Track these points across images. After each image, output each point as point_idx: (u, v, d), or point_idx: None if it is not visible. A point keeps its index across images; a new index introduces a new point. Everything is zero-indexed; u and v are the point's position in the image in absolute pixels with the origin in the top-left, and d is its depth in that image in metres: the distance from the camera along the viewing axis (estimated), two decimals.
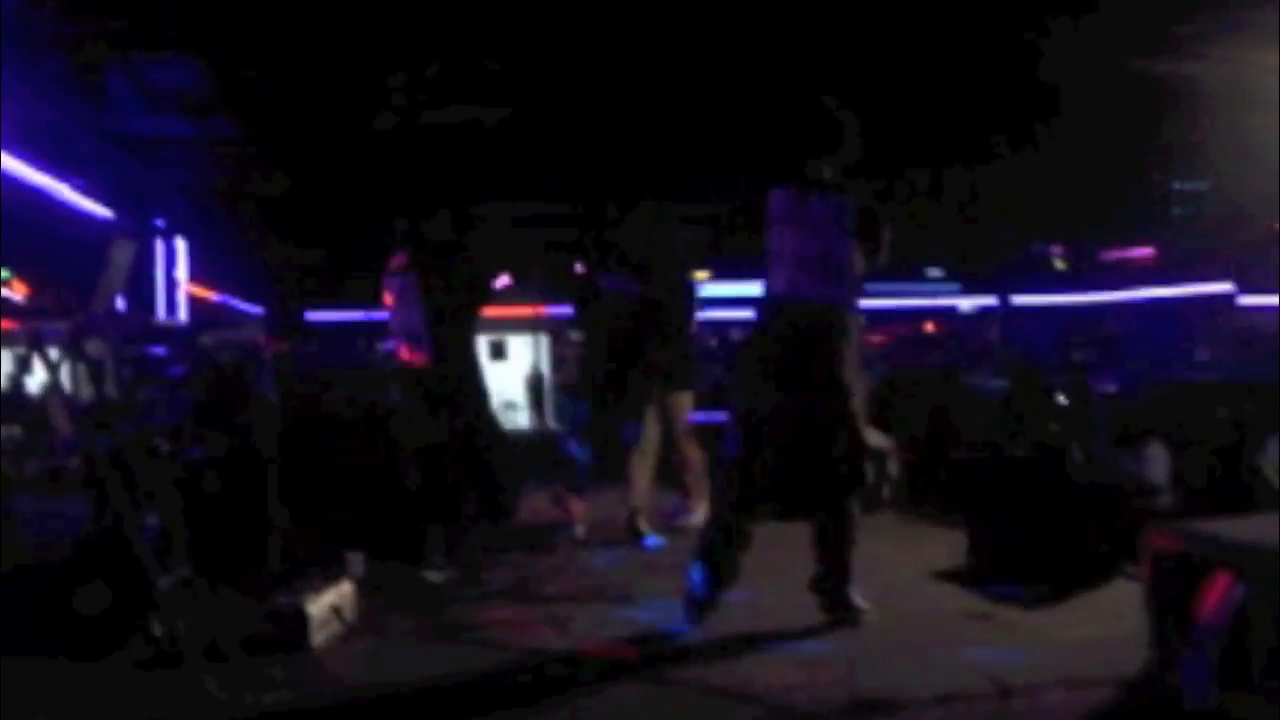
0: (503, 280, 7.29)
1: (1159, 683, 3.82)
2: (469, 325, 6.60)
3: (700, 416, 7.49)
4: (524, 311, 13.47)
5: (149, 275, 14.40)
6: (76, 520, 5.20)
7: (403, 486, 6.43)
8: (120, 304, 12.57)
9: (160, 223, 14.97)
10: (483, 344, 8.14)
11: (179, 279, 15.61)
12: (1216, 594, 3.62)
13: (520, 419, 13.17)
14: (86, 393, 7.98)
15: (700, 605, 5.00)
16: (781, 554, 5.25)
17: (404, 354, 6.42)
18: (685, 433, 7.30)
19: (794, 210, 4.94)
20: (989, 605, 5.29)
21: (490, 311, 8.04)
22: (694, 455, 7.34)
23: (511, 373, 13.51)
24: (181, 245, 15.80)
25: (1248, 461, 7.27)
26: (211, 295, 17.74)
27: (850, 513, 4.95)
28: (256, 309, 19.93)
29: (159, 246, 15.03)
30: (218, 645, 4.38)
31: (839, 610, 4.98)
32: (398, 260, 6.50)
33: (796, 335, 4.85)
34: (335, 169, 14.64)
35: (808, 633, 4.89)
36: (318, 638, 4.83)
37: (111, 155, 12.65)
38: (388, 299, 6.54)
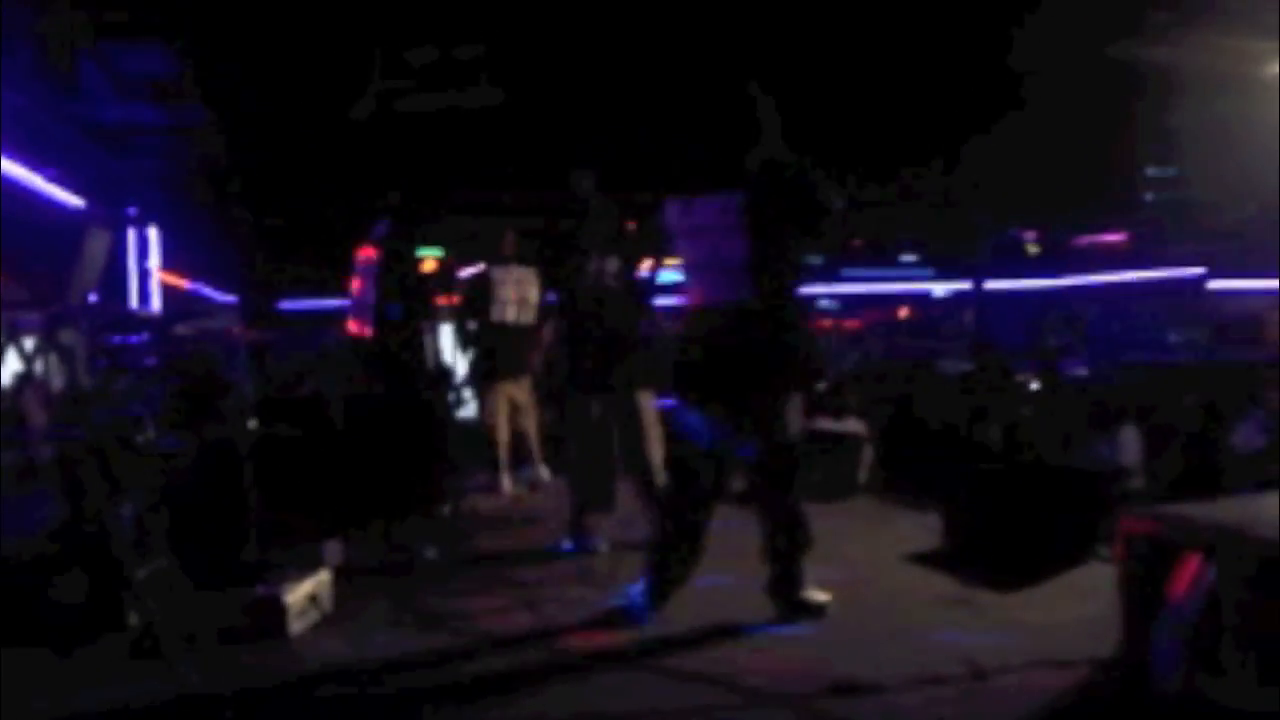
0: (467, 271, 7.33)
1: (1130, 664, 3.87)
2: (420, 307, 6.66)
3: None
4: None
5: (122, 264, 14.29)
6: (51, 511, 5.17)
7: (379, 471, 6.48)
8: (94, 294, 12.52)
9: (133, 211, 14.86)
10: (446, 331, 8.15)
11: (152, 268, 15.50)
12: (1187, 576, 3.67)
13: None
14: (59, 383, 7.95)
15: (660, 592, 5.00)
16: (754, 540, 5.20)
17: (352, 327, 6.51)
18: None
19: (682, 219, 4.90)
20: (963, 589, 5.33)
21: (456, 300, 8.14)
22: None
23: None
24: (154, 234, 15.68)
25: (1218, 444, 7.36)
26: (184, 284, 17.63)
27: (795, 513, 4.92)
28: (229, 297, 19.84)
29: (132, 235, 14.92)
30: (194, 635, 4.38)
31: (797, 612, 4.94)
32: (365, 252, 6.56)
33: (710, 342, 4.82)
34: (309, 155, 14.58)
35: (781, 618, 4.91)
36: (295, 626, 4.84)
37: (84, 144, 12.54)
38: (355, 284, 6.60)
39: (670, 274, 5.81)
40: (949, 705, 3.81)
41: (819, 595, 5.01)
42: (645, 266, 6.46)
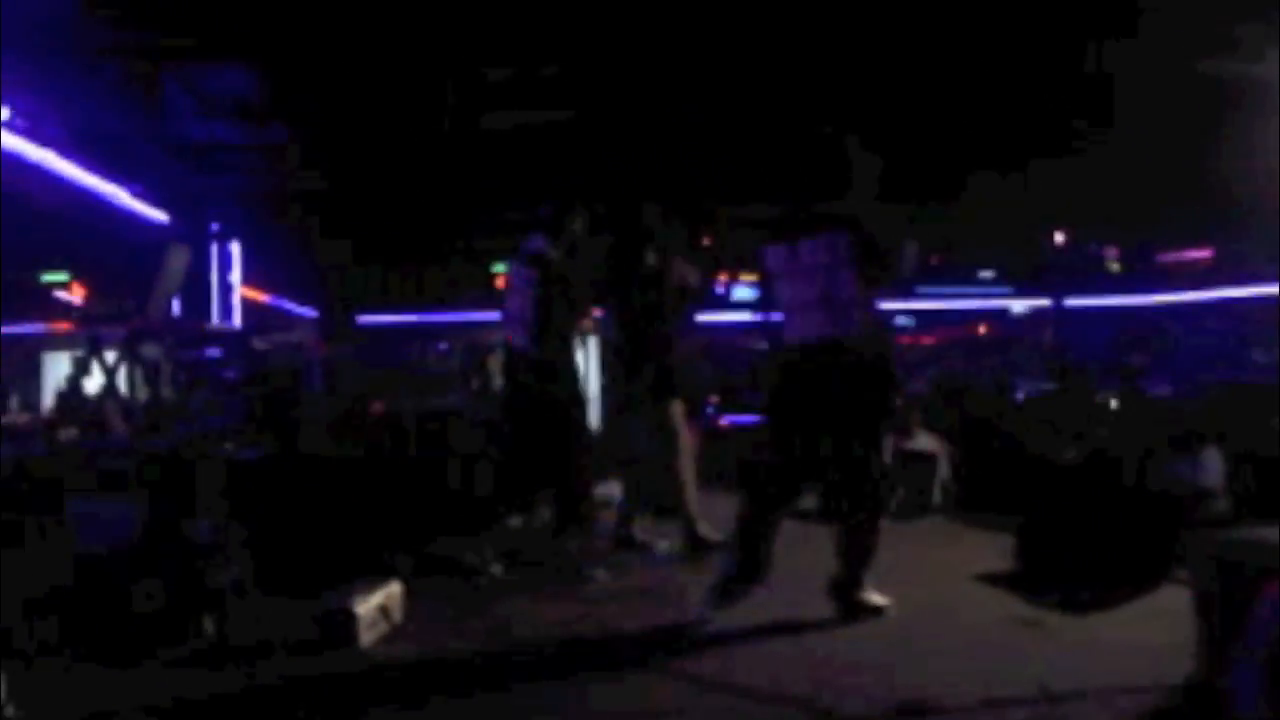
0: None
1: (1206, 691, 3.79)
2: (571, 325, 6.70)
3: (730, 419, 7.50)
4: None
5: (204, 279, 14.59)
6: (131, 522, 5.28)
7: (456, 487, 6.54)
8: (176, 308, 12.77)
9: (215, 227, 15.16)
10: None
11: (233, 282, 15.81)
12: (1266, 601, 3.58)
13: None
14: (142, 396, 8.13)
15: (725, 592, 5.16)
16: (825, 558, 5.29)
17: (510, 338, 6.58)
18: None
19: (788, 262, 5.23)
20: (1035, 610, 5.25)
21: None
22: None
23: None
24: (236, 249, 15.99)
25: None
26: (265, 298, 17.95)
27: (868, 526, 5.17)
28: (309, 311, 20.15)
29: (214, 250, 15.23)
30: (267, 645, 4.44)
31: (853, 613, 5.15)
32: (525, 251, 6.62)
33: (811, 375, 5.12)
34: (387, 172, 14.76)
35: (850, 635, 4.91)
36: (365, 638, 4.89)
37: (167, 161, 12.83)
38: (508, 289, 6.68)
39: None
40: None
41: (878, 598, 5.21)
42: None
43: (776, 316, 5.36)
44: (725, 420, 9.73)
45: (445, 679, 4.49)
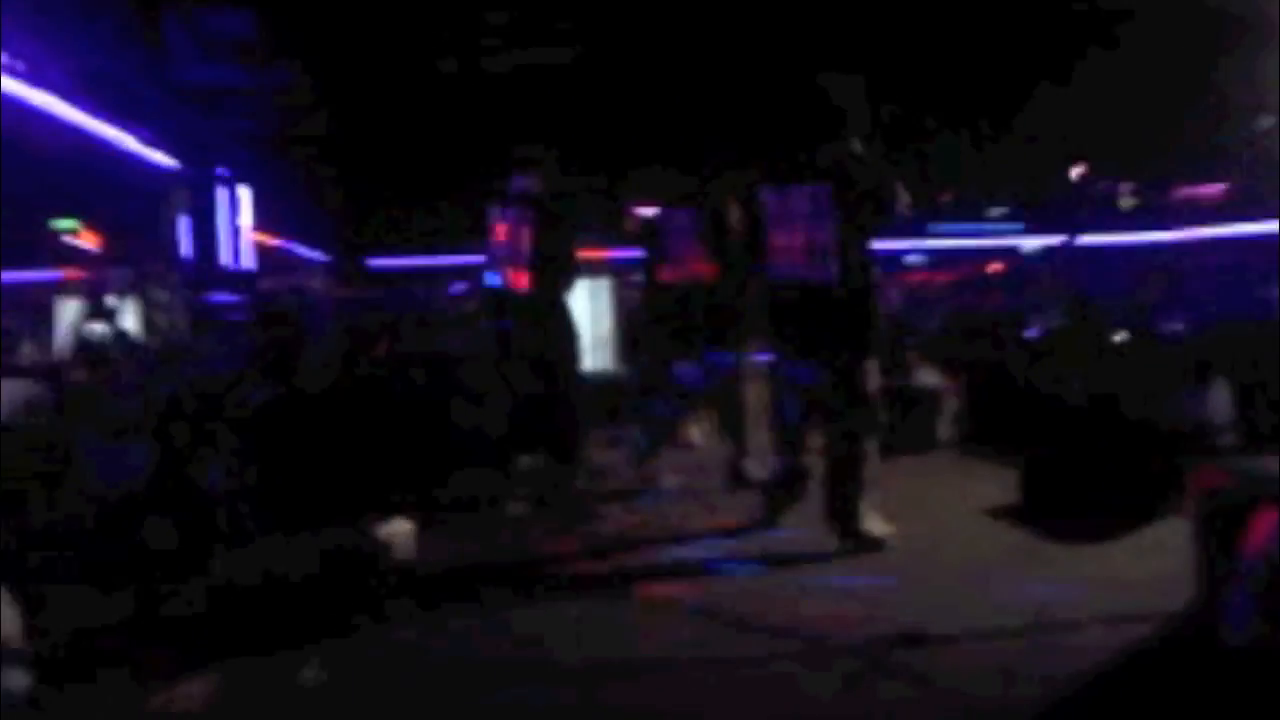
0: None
1: (1202, 619, 3.82)
2: (568, 267, 6.73)
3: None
4: (585, 255, 13.50)
5: (214, 223, 14.60)
6: (143, 462, 5.33)
7: (465, 427, 6.60)
8: (188, 251, 12.80)
9: (223, 171, 15.15)
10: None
11: (243, 226, 15.81)
12: (1262, 529, 3.61)
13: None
14: (151, 338, 8.17)
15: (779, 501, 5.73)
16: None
17: (511, 278, 6.56)
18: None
19: (778, 207, 5.55)
20: (1038, 542, 5.30)
21: None
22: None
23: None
24: (245, 193, 15.98)
25: None
26: (275, 242, 17.96)
27: (857, 456, 5.40)
28: (319, 255, 20.16)
29: (223, 194, 15.22)
30: (276, 581, 4.49)
31: (851, 538, 5.32)
32: (512, 191, 6.63)
33: (798, 313, 5.51)
34: (396, 113, 14.72)
35: (853, 569, 4.97)
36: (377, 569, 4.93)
37: (174, 106, 12.81)
38: (498, 229, 6.66)
39: None
40: (1017, 658, 3.78)
41: (879, 527, 5.36)
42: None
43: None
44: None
45: (453, 615, 4.55)
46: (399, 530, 5.24)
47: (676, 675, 3.85)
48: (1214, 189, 21.06)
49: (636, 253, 8.37)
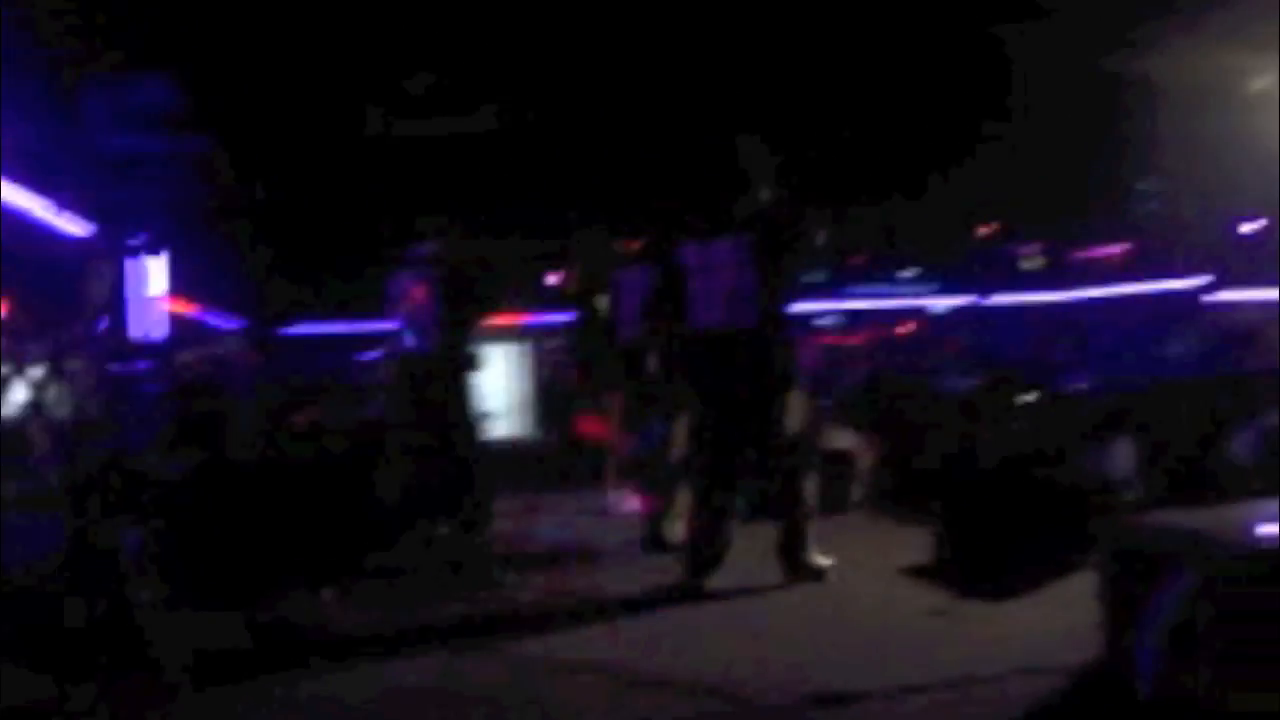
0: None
1: (1112, 670, 3.94)
2: (470, 330, 6.79)
3: None
4: (504, 320, 13.56)
5: (129, 292, 14.39)
6: (57, 538, 5.26)
7: (383, 496, 6.60)
8: (101, 322, 12.63)
9: (139, 239, 14.97)
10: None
11: (158, 295, 15.61)
12: (1167, 582, 3.74)
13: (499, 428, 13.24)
14: (65, 412, 8.04)
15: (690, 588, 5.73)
16: (749, 559, 5.82)
17: (420, 343, 6.61)
18: None
19: (701, 258, 5.85)
20: (951, 600, 5.41)
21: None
22: None
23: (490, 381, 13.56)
24: (161, 262, 15.78)
25: (1215, 456, 7.41)
26: (192, 310, 17.75)
27: (799, 489, 5.82)
28: (234, 323, 19.94)
29: (138, 264, 15.02)
30: (198, 658, 4.47)
31: (798, 571, 5.76)
32: (412, 256, 6.71)
33: (720, 361, 5.78)
34: (315, 181, 14.73)
35: (762, 628, 5.09)
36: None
37: (89, 173, 12.67)
38: (401, 294, 6.73)
39: None
40: (937, 713, 3.87)
41: (822, 560, 5.83)
42: None
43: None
44: None
45: (382, 680, 4.55)
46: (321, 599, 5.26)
47: None
48: (1116, 249, 21.69)
49: (558, 316, 8.51)
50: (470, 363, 6.78)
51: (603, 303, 7.98)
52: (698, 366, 5.91)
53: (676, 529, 6.80)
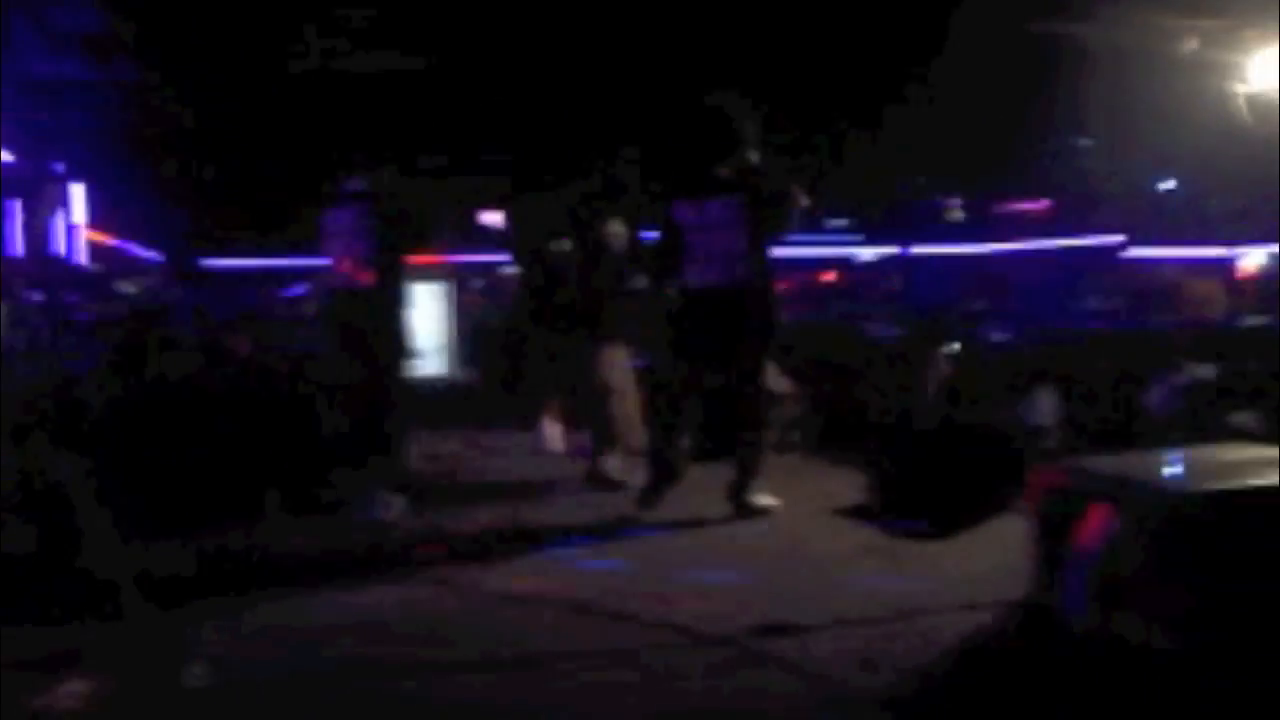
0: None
1: (1040, 607, 4.12)
2: (400, 267, 6.77)
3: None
4: (429, 260, 13.50)
5: (49, 220, 14.13)
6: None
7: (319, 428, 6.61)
8: (19, 250, 12.41)
9: (60, 167, 14.67)
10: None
11: (78, 224, 15.32)
12: (1093, 524, 3.92)
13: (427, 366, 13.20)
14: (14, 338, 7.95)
15: (645, 499, 6.16)
16: (698, 499, 6.09)
17: (347, 268, 6.56)
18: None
19: (693, 216, 6.12)
20: (885, 540, 5.58)
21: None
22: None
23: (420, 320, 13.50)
24: (80, 190, 15.48)
25: (1132, 407, 7.67)
26: (111, 241, 17.44)
27: (756, 439, 6.16)
28: (154, 255, 19.63)
29: (60, 190, 14.73)
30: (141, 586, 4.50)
31: (744, 510, 6.07)
32: (345, 191, 6.65)
33: (709, 316, 6.07)
34: (242, 113, 14.50)
35: (705, 563, 5.20)
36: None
37: (11, 99, 12.38)
38: (330, 228, 6.67)
39: None
40: (878, 645, 4.02)
41: (766, 500, 6.15)
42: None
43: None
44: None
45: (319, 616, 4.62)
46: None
47: (542, 669, 3.96)
48: (1039, 204, 22.06)
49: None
50: (400, 299, 6.74)
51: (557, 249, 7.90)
52: (687, 319, 6.17)
53: (613, 465, 6.95)
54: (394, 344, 6.61)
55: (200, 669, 3.80)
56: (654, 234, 6.61)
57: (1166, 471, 4.31)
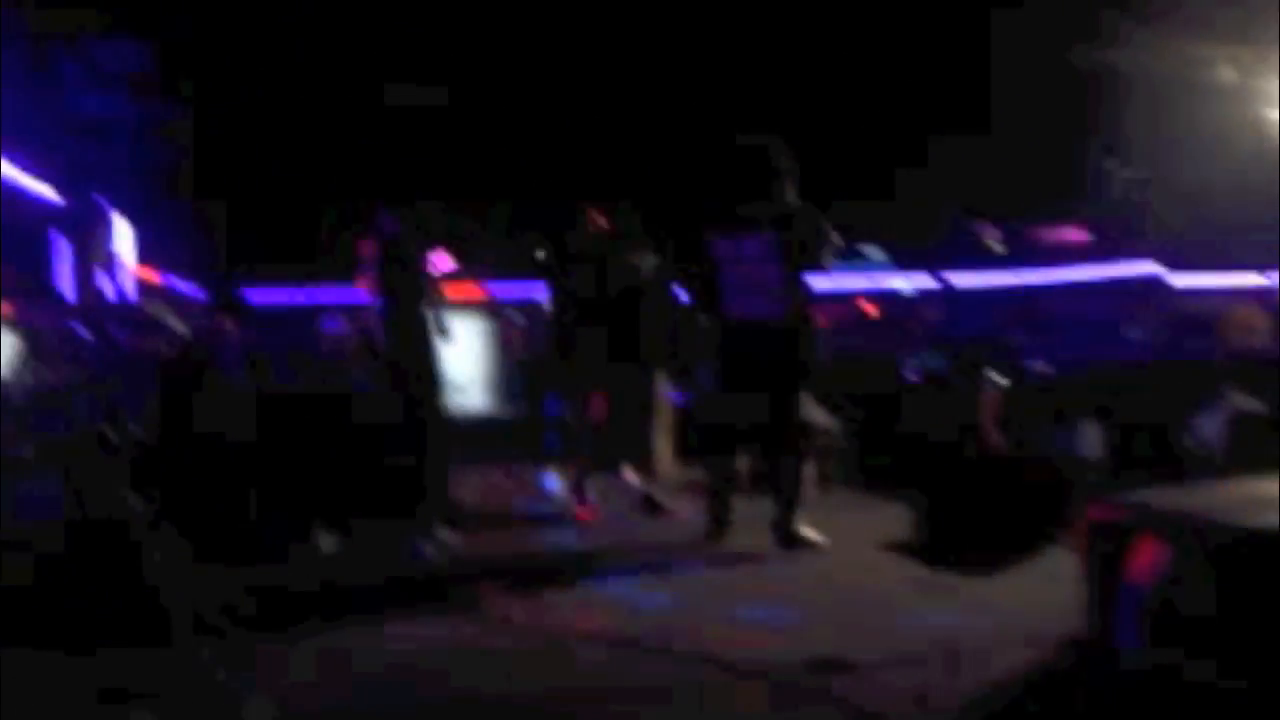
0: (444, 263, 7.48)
1: (1094, 642, 4.10)
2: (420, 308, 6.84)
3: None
4: (467, 293, 13.60)
5: (96, 257, 14.32)
6: (59, 499, 5.33)
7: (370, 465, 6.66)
8: (71, 288, 12.59)
9: (109, 205, 14.91)
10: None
11: (125, 260, 15.54)
12: (1147, 558, 3.91)
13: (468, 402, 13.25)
14: (42, 377, 8.06)
15: (713, 533, 6.38)
16: (747, 539, 6.20)
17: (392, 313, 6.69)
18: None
19: (732, 251, 6.31)
20: (934, 575, 5.54)
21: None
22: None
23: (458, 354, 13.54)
24: (126, 226, 15.71)
25: (1177, 439, 7.62)
26: (157, 277, 17.66)
27: (795, 469, 6.30)
28: (198, 291, 19.83)
29: (105, 228, 14.95)
30: (203, 619, 4.55)
31: (789, 542, 6.19)
32: (368, 249, 6.75)
33: (748, 348, 6.26)
34: (283, 151, 14.69)
35: (761, 600, 5.22)
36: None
37: (60, 137, 12.62)
38: (362, 283, 6.80)
39: None
40: (930, 682, 4.01)
41: (814, 535, 6.25)
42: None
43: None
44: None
45: (374, 650, 4.65)
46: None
47: (595, 704, 4.00)
48: (1081, 234, 21.97)
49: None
50: (442, 334, 6.88)
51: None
52: (727, 351, 6.36)
53: (664, 495, 7.02)
54: (427, 377, 6.71)
55: (261, 704, 3.84)
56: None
57: (1221, 505, 4.29)
